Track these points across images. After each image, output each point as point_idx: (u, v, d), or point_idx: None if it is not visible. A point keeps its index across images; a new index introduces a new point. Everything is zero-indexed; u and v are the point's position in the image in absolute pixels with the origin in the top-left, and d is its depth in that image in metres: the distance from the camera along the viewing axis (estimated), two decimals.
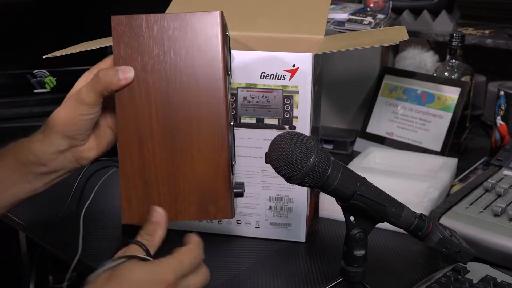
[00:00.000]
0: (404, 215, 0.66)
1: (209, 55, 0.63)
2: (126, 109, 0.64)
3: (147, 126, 0.64)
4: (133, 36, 0.64)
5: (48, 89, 1.33)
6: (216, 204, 0.64)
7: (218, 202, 0.64)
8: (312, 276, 0.78)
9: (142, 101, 0.63)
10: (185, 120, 0.63)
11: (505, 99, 1.11)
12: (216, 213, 0.64)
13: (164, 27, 0.63)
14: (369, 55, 1.29)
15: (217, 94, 0.63)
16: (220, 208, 0.64)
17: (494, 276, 0.70)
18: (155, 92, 0.63)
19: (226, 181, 0.63)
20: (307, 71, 0.80)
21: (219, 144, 0.63)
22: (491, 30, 1.48)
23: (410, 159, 1.09)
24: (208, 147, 0.63)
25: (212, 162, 0.63)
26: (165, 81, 0.63)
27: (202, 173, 0.63)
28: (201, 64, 0.63)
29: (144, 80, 0.63)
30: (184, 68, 0.63)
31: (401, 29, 0.88)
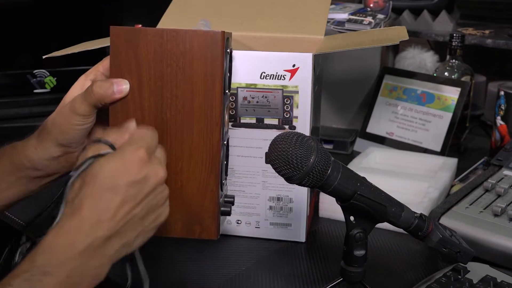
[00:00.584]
0: (404, 215, 0.66)
1: (207, 74, 0.62)
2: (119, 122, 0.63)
3: None
4: (131, 48, 0.63)
5: (48, 89, 1.33)
6: (201, 224, 0.64)
7: (203, 222, 0.64)
8: (312, 276, 0.78)
9: (136, 115, 0.63)
10: (177, 136, 0.63)
11: (505, 99, 1.11)
12: (201, 232, 0.64)
13: (163, 42, 0.62)
14: (369, 55, 1.29)
15: (211, 113, 0.62)
16: (205, 228, 0.64)
17: (494, 276, 0.70)
18: (149, 107, 0.63)
19: (214, 201, 0.63)
20: (307, 71, 0.80)
21: (209, 163, 0.63)
22: (491, 30, 1.48)
23: (410, 159, 1.09)
24: (198, 166, 0.63)
25: (201, 181, 0.63)
26: (160, 96, 0.63)
27: (190, 191, 0.63)
28: (197, 82, 0.62)
29: (138, 94, 0.63)
30: (180, 85, 0.62)
31: (401, 29, 0.88)
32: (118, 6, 1.31)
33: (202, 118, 0.62)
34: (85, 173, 0.54)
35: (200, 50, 0.62)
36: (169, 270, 0.78)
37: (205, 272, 0.79)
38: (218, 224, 0.64)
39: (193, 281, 0.77)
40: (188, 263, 0.81)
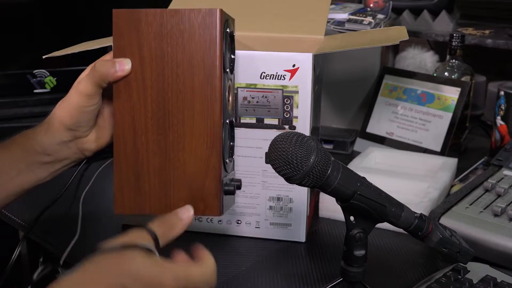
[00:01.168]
0: (404, 215, 0.66)
1: (206, 51, 0.63)
2: (122, 101, 0.65)
3: (142, 119, 0.64)
4: (133, 29, 0.64)
5: (48, 89, 1.33)
6: (204, 201, 0.64)
7: (206, 199, 0.64)
8: (312, 276, 0.78)
9: (138, 94, 0.64)
10: (178, 115, 0.64)
11: (505, 99, 1.11)
12: (204, 209, 0.64)
13: (163, 22, 0.63)
14: (369, 55, 1.29)
15: (211, 91, 0.63)
16: (208, 205, 0.64)
17: (494, 276, 0.70)
18: (151, 86, 0.64)
19: (216, 178, 0.64)
20: (307, 71, 0.80)
21: (210, 141, 0.63)
22: (491, 30, 1.48)
23: (410, 159, 1.09)
24: (199, 143, 0.64)
25: (203, 158, 0.64)
26: (161, 75, 0.64)
27: (192, 168, 0.64)
28: (197, 61, 0.63)
29: (141, 74, 0.64)
30: (181, 63, 0.63)
31: (401, 29, 0.88)
32: (118, 6, 1.31)
33: (203, 96, 0.63)
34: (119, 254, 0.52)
35: (199, 27, 0.63)
36: None
37: None
38: (221, 202, 0.64)
39: None
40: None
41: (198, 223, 0.88)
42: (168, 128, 0.64)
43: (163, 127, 0.64)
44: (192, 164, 0.64)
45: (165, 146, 0.64)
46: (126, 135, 0.65)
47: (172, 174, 0.64)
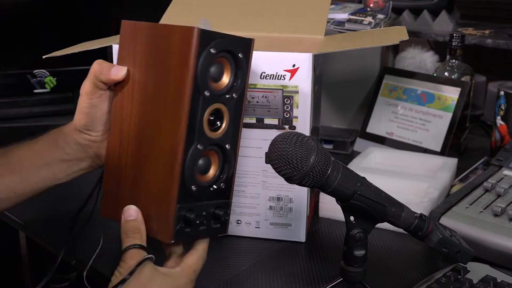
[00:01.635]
0: (404, 215, 0.66)
1: (179, 72, 0.60)
2: (116, 111, 0.66)
3: (127, 129, 0.65)
4: (132, 42, 0.65)
5: (48, 89, 1.33)
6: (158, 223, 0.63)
7: (159, 221, 0.63)
8: (312, 276, 0.78)
9: (127, 106, 0.65)
10: (153, 131, 0.63)
11: (505, 99, 1.11)
12: (157, 232, 0.63)
13: (152, 36, 0.63)
14: (369, 55, 1.29)
15: (177, 113, 0.60)
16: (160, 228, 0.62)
17: (494, 276, 0.70)
18: (136, 100, 0.64)
19: (170, 202, 0.61)
20: (307, 71, 0.80)
21: (169, 164, 0.61)
22: (491, 30, 1.48)
23: (410, 159, 1.09)
24: (162, 164, 0.62)
25: (162, 180, 0.62)
26: (144, 90, 0.64)
27: (154, 188, 0.63)
28: (172, 79, 0.61)
29: (131, 86, 0.65)
30: (159, 79, 0.62)
31: (401, 29, 0.88)
32: (118, 6, 1.31)
33: (170, 118, 0.61)
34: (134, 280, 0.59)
35: (177, 45, 0.61)
36: None
37: (205, 272, 0.78)
38: (172, 229, 0.61)
39: None
40: None
41: None
42: (142, 143, 0.64)
43: (140, 140, 0.64)
44: (154, 182, 0.63)
45: (138, 160, 0.64)
46: (115, 143, 0.66)
47: (139, 189, 0.64)
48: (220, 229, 0.67)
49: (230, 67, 0.65)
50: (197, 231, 0.64)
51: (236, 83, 0.66)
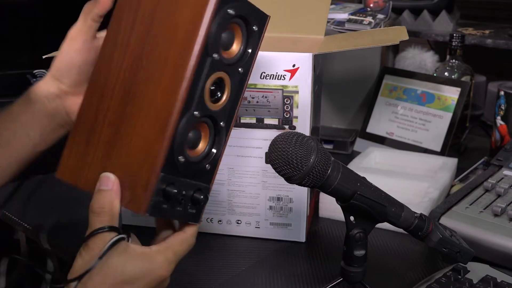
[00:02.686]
0: (404, 215, 0.66)
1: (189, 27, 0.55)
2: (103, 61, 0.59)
3: (113, 83, 0.58)
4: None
5: None
6: (132, 191, 0.55)
7: (135, 189, 0.55)
8: (312, 276, 0.78)
9: (118, 57, 0.58)
10: (144, 88, 0.57)
11: (505, 99, 1.11)
12: (129, 201, 0.55)
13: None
14: (369, 55, 1.29)
15: (179, 71, 0.55)
16: (134, 197, 0.55)
17: (494, 276, 0.70)
18: (131, 51, 0.58)
19: (152, 169, 0.54)
20: (307, 71, 0.80)
21: (160, 128, 0.54)
22: (491, 30, 1.48)
23: (410, 159, 1.09)
24: (150, 125, 0.55)
25: (148, 143, 0.55)
26: (143, 42, 0.58)
27: (136, 151, 0.55)
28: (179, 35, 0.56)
29: (128, 36, 0.58)
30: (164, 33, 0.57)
31: (401, 29, 0.88)
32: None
33: (171, 74, 0.55)
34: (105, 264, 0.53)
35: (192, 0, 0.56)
36: None
37: (205, 272, 0.79)
38: (148, 199, 0.54)
39: (193, 281, 0.77)
40: (188, 263, 0.81)
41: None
42: (130, 99, 0.57)
43: (126, 97, 0.57)
44: (136, 145, 0.55)
45: (120, 118, 0.57)
46: (93, 96, 0.59)
47: (116, 151, 0.57)
48: (194, 216, 0.60)
49: (242, 37, 0.61)
50: (173, 210, 0.57)
51: (245, 56, 0.62)
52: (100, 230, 0.54)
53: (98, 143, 0.58)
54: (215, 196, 0.87)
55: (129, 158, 0.56)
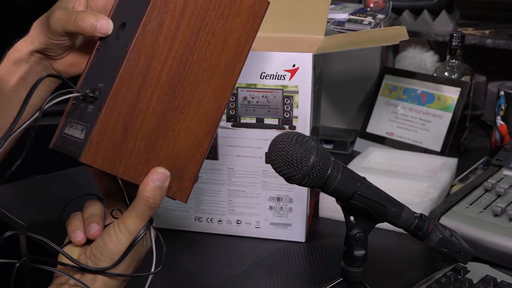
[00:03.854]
0: (404, 215, 0.66)
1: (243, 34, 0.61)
2: (147, 41, 0.56)
3: (158, 69, 0.57)
4: None
5: None
6: (179, 182, 0.59)
7: (182, 181, 0.59)
8: (312, 276, 0.78)
9: (166, 41, 0.57)
10: (194, 83, 0.59)
11: (505, 99, 1.11)
12: (176, 191, 0.59)
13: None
14: (369, 55, 1.29)
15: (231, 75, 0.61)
16: (181, 188, 0.59)
17: (494, 276, 0.70)
18: (181, 40, 0.58)
19: (199, 163, 0.60)
20: (307, 71, 0.80)
21: (210, 124, 0.60)
22: (491, 30, 1.48)
23: (410, 159, 1.09)
24: (200, 122, 0.60)
25: (197, 138, 0.59)
26: (195, 36, 0.59)
27: (182, 145, 0.59)
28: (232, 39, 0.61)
29: (177, 22, 0.58)
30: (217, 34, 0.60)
31: (401, 29, 0.88)
32: None
33: (222, 76, 0.60)
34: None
35: (247, 8, 0.61)
36: (169, 270, 0.78)
37: (205, 272, 0.79)
38: (191, 188, 0.60)
39: (193, 281, 0.77)
40: (188, 263, 0.81)
41: (198, 223, 0.88)
42: (178, 92, 0.58)
43: (174, 88, 0.58)
44: (184, 139, 0.59)
45: (167, 109, 0.57)
46: (134, 78, 0.56)
47: (162, 142, 0.58)
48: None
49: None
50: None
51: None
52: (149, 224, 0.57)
53: (140, 130, 0.57)
54: (215, 196, 0.87)
55: (176, 151, 0.59)
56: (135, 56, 0.56)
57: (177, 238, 0.87)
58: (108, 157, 0.55)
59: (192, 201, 0.87)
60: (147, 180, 0.56)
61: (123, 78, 0.55)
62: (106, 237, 0.55)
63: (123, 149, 0.56)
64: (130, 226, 0.55)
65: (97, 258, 0.55)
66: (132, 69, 0.56)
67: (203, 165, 0.62)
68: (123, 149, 0.56)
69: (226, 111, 0.82)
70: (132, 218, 0.55)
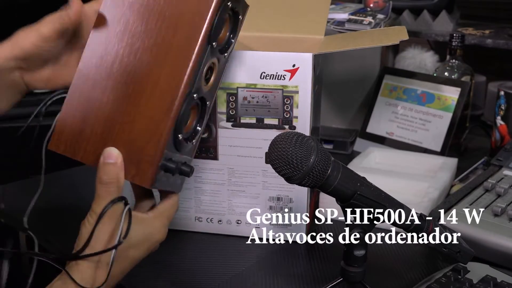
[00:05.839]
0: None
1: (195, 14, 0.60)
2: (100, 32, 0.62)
3: (110, 61, 0.61)
4: None
5: (48, 89, 1.33)
6: (137, 166, 0.60)
7: (140, 164, 0.60)
8: (312, 276, 0.78)
9: (117, 32, 0.61)
10: (147, 68, 0.61)
11: (505, 99, 1.11)
12: (135, 175, 0.60)
13: None
14: (369, 55, 1.29)
15: (185, 55, 0.60)
16: (139, 171, 0.60)
17: (494, 276, 0.70)
18: (130, 30, 0.61)
19: (158, 146, 0.59)
20: (307, 71, 0.80)
21: (167, 106, 0.60)
22: (491, 30, 1.48)
23: (410, 159, 1.09)
24: (155, 105, 0.60)
25: (153, 121, 0.60)
26: (145, 23, 0.61)
27: (139, 128, 0.60)
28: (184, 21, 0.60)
29: (127, 15, 0.62)
30: (167, 18, 0.61)
31: (401, 29, 0.88)
32: None
33: (176, 58, 0.60)
34: None
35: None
36: (169, 270, 0.78)
37: (205, 272, 0.79)
38: (155, 173, 0.60)
39: (193, 281, 0.77)
40: (188, 262, 0.81)
41: (198, 223, 0.88)
42: (131, 78, 0.61)
43: (128, 76, 0.61)
44: (140, 123, 0.60)
45: (122, 95, 0.61)
46: (90, 69, 0.62)
47: (118, 128, 0.60)
48: (179, 186, 0.67)
49: (229, 26, 0.67)
50: (168, 182, 0.64)
51: (230, 43, 0.68)
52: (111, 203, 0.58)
53: (97, 118, 0.61)
54: (215, 196, 0.87)
55: (132, 135, 0.60)
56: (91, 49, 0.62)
57: (177, 238, 0.87)
58: (69, 144, 0.62)
59: (192, 201, 0.87)
60: (100, 161, 0.59)
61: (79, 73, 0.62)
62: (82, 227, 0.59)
63: (82, 136, 0.61)
64: (95, 208, 0.59)
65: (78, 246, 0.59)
66: (89, 61, 0.61)
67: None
68: (82, 136, 0.61)
69: (226, 111, 0.82)
70: (95, 200, 0.59)
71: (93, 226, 0.57)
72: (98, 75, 0.62)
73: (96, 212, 0.58)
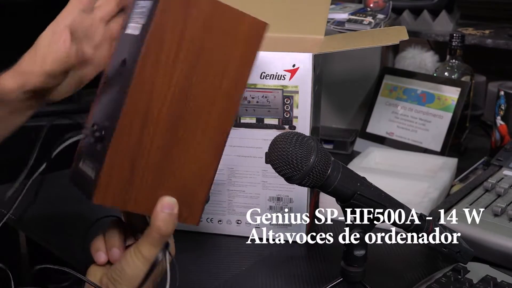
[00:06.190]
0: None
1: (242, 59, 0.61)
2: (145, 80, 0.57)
3: (158, 106, 0.58)
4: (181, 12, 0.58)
5: None
6: (190, 208, 0.61)
7: (192, 206, 0.61)
8: (312, 276, 0.78)
9: (165, 78, 0.58)
10: (196, 114, 0.60)
11: (505, 99, 1.11)
12: (187, 217, 0.61)
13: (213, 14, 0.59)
14: (369, 55, 1.29)
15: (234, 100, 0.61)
16: (192, 213, 0.61)
17: (494, 276, 0.70)
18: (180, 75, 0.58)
19: (208, 188, 0.62)
20: (307, 71, 0.80)
21: (217, 149, 0.61)
22: (491, 30, 1.48)
23: (410, 159, 1.09)
24: (206, 149, 0.61)
25: (203, 165, 0.61)
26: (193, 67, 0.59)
27: (189, 173, 0.60)
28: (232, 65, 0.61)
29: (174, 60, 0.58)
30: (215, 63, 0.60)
31: (401, 29, 0.88)
32: None
33: (224, 102, 0.61)
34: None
35: (244, 34, 0.61)
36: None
37: (205, 272, 0.79)
38: (201, 212, 0.62)
39: (193, 281, 0.77)
40: (188, 263, 0.81)
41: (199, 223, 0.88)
42: (180, 125, 0.59)
43: (176, 122, 0.59)
44: (190, 168, 0.60)
45: (171, 142, 0.59)
46: (136, 118, 0.57)
47: (168, 174, 0.60)
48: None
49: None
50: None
51: None
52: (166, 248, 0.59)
53: (147, 167, 0.58)
54: (215, 196, 0.87)
55: (183, 179, 0.60)
56: (135, 97, 0.57)
57: (177, 238, 0.87)
58: (118, 195, 0.57)
59: None
60: (156, 210, 0.57)
61: (124, 119, 0.56)
62: (124, 262, 0.57)
63: (131, 186, 0.58)
64: (145, 252, 0.57)
65: (117, 281, 0.57)
66: (133, 109, 0.57)
67: None
68: (131, 186, 0.58)
69: None
70: (146, 245, 0.57)
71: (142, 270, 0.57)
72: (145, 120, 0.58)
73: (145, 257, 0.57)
